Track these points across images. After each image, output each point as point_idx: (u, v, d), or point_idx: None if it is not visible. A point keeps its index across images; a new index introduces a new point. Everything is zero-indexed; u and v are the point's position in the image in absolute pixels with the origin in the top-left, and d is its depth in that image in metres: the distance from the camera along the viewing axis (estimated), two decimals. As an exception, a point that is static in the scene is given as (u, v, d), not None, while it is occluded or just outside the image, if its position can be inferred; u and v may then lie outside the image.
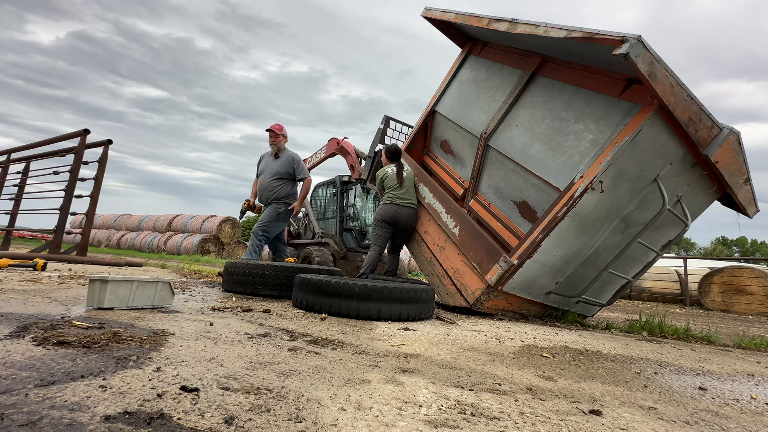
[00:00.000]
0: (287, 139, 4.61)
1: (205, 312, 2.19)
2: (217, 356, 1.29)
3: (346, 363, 1.36)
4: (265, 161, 4.59)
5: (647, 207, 2.94)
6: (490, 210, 3.76)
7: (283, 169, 4.42)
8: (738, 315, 6.96)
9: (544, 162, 3.11)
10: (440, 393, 1.13)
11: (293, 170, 4.48)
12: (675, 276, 9.14)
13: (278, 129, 4.49)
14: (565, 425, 0.98)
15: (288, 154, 4.49)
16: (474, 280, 3.18)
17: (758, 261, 22.33)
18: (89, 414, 0.78)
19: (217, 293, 3.19)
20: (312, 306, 2.53)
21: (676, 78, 2.41)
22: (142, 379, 1.01)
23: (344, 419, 0.88)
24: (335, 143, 7.71)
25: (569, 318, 3.28)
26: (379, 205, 4.26)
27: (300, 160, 4.55)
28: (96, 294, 1.97)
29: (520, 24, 3.06)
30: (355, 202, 8.39)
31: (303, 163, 4.57)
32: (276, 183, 4.40)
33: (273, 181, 4.41)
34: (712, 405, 1.29)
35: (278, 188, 4.39)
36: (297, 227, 9.13)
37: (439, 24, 4.57)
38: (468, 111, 4.13)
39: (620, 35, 2.35)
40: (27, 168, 6.60)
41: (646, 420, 1.08)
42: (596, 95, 2.93)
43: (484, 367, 1.51)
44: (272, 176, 4.41)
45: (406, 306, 2.52)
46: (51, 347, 1.21)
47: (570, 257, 3.03)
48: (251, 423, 0.82)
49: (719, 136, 2.62)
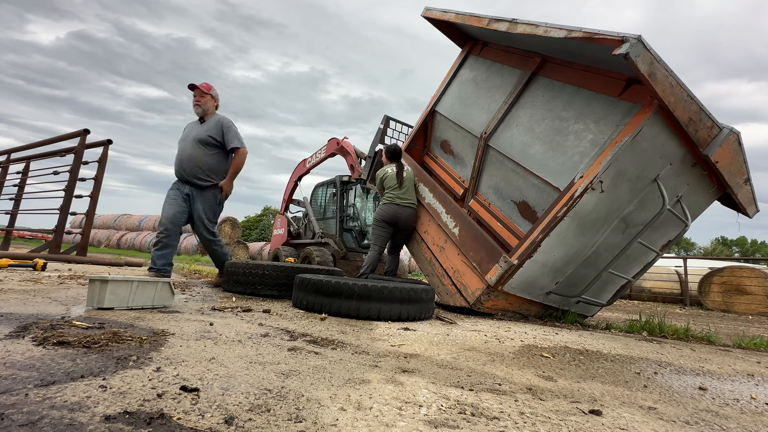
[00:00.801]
0: (217, 103, 3.67)
1: (205, 312, 2.19)
2: (217, 356, 1.29)
3: (346, 363, 1.36)
4: (188, 128, 3.63)
5: (647, 207, 2.94)
6: (490, 210, 3.76)
7: (208, 135, 3.44)
8: (738, 315, 6.96)
9: (544, 162, 3.11)
10: (440, 393, 1.13)
11: (221, 136, 3.47)
12: (675, 276, 9.14)
13: (206, 88, 3.57)
14: (565, 425, 0.98)
15: (216, 118, 3.54)
16: (474, 280, 3.18)
17: (758, 261, 22.32)
18: (89, 414, 0.78)
19: (217, 293, 3.19)
20: (312, 306, 2.53)
21: (676, 78, 2.42)
22: (142, 379, 1.01)
23: (344, 419, 0.88)
24: (335, 143, 7.71)
25: (569, 318, 3.28)
26: (379, 205, 4.26)
27: (232, 126, 3.54)
28: (96, 294, 1.97)
29: (520, 24, 3.06)
30: (355, 202, 8.39)
31: (237, 130, 3.57)
32: (198, 151, 3.40)
33: (195, 149, 3.41)
34: (712, 405, 1.29)
35: (201, 158, 3.41)
36: (297, 227, 9.13)
37: (439, 24, 4.57)
38: (468, 111, 4.13)
39: (620, 35, 2.35)
40: (27, 168, 6.60)
41: (646, 420, 1.08)
42: (596, 95, 2.93)
43: (484, 367, 1.51)
44: (194, 142, 3.42)
45: (406, 306, 2.52)
46: (51, 347, 1.21)
47: (570, 257, 3.03)
48: (251, 423, 0.82)
49: (719, 136, 2.62)
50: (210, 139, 3.44)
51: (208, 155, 3.45)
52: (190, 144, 3.44)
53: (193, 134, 3.47)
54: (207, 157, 3.45)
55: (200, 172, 3.44)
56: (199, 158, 3.42)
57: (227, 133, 3.49)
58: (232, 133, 3.50)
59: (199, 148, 3.42)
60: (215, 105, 3.65)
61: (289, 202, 9.48)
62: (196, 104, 3.53)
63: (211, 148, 3.47)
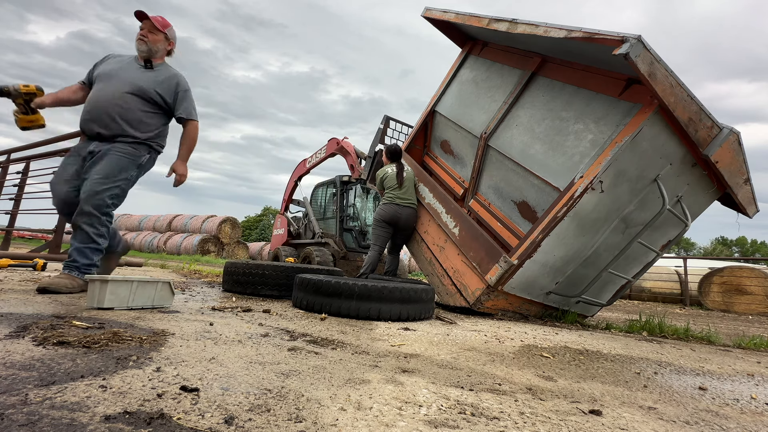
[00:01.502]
0: (172, 48, 2.76)
1: (205, 312, 2.19)
2: (217, 356, 1.29)
3: (346, 363, 1.36)
4: (117, 64, 2.62)
5: (647, 207, 2.94)
6: (490, 210, 3.76)
7: (155, 90, 2.58)
8: (738, 315, 6.96)
9: (544, 162, 3.11)
10: (440, 393, 1.13)
11: (174, 100, 2.65)
12: (675, 276, 9.14)
13: (162, 24, 2.65)
14: (565, 425, 0.98)
15: (170, 72, 2.68)
16: (474, 280, 3.18)
17: (758, 261, 22.32)
18: (89, 414, 0.78)
19: (217, 293, 3.19)
20: (312, 306, 2.53)
21: (676, 78, 2.42)
22: (142, 379, 1.01)
23: (344, 419, 0.88)
24: (335, 143, 7.71)
25: (569, 318, 3.28)
26: (379, 205, 4.26)
27: (190, 91, 2.73)
28: (96, 294, 1.97)
29: (520, 24, 3.06)
30: (355, 202, 8.39)
31: (192, 97, 2.74)
32: (133, 103, 2.52)
33: (128, 98, 2.51)
34: (712, 405, 1.29)
35: (135, 114, 2.52)
36: (297, 227, 9.13)
37: (439, 24, 4.57)
38: (468, 111, 4.13)
39: (620, 35, 2.35)
40: (27, 168, 6.60)
41: (646, 420, 1.08)
42: (596, 95, 2.93)
43: (484, 367, 1.51)
44: (129, 89, 2.51)
45: (406, 306, 2.52)
46: (51, 347, 1.21)
47: (570, 257, 3.03)
48: (251, 423, 0.82)
49: (719, 136, 2.62)
50: (156, 97, 2.57)
51: (144, 113, 2.55)
52: (121, 89, 2.50)
53: (130, 78, 2.54)
54: (143, 114, 2.55)
55: (127, 126, 2.50)
56: (130, 111, 2.51)
57: (184, 98, 2.67)
58: (189, 100, 2.69)
59: (135, 100, 2.53)
60: (167, 50, 2.74)
61: (289, 202, 9.48)
62: (141, 39, 2.59)
63: (152, 107, 2.59)
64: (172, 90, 2.65)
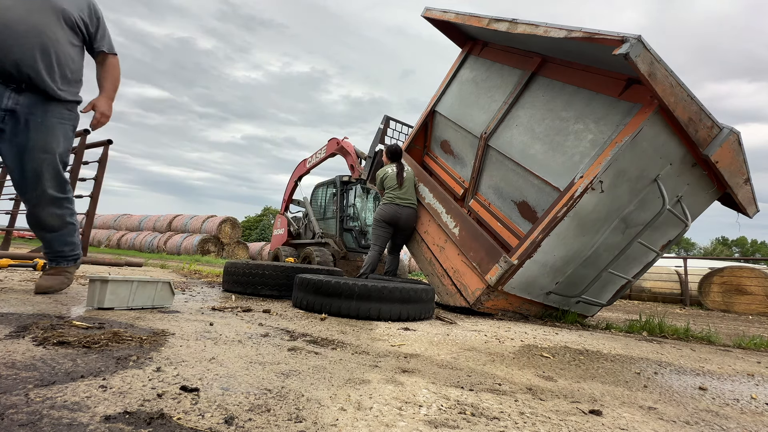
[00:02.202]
0: None
1: (205, 312, 2.19)
2: (217, 356, 1.29)
3: (346, 363, 1.36)
4: None
5: (647, 207, 2.94)
6: (490, 210, 3.76)
7: (79, 14, 2.05)
8: (738, 315, 6.96)
9: (544, 162, 3.11)
10: (440, 393, 1.13)
11: (95, 27, 2.14)
12: (675, 276, 9.14)
13: None
14: (565, 425, 0.98)
15: None
16: (474, 280, 3.18)
17: (758, 261, 22.32)
18: (89, 414, 0.78)
19: (217, 293, 3.19)
20: (312, 306, 2.53)
21: (676, 78, 2.42)
22: (142, 379, 1.01)
23: (344, 419, 0.88)
24: (335, 143, 7.71)
25: (569, 318, 3.28)
26: (379, 205, 4.26)
27: (103, 16, 2.19)
28: (96, 294, 1.97)
29: (520, 24, 3.06)
30: (355, 202, 8.39)
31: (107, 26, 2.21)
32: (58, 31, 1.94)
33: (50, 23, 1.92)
34: (712, 405, 1.29)
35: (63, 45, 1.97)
36: (297, 227, 9.13)
37: (439, 24, 4.57)
38: (468, 111, 4.13)
39: (620, 35, 2.35)
40: (27, 168, 6.59)
41: (646, 420, 1.08)
42: (596, 95, 2.93)
43: (484, 367, 1.51)
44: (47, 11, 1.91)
45: (406, 306, 2.52)
46: (51, 347, 1.21)
47: (570, 257, 3.03)
48: (251, 423, 0.82)
49: (719, 136, 2.62)
50: (76, 23, 2.02)
51: (70, 45, 2.01)
52: (36, 9, 1.87)
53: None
54: (69, 47, 2.00)
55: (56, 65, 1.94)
56: (55, 40, 1.92)
57: (101, 26, 2.16)
58: (104, 28, 2.18)
59: (59, 27, 1.94)
60: None
61: (289, 202, 9.48)
62: None
63: (74, 37, 2.04)
64: (92, 17, 2.12)
